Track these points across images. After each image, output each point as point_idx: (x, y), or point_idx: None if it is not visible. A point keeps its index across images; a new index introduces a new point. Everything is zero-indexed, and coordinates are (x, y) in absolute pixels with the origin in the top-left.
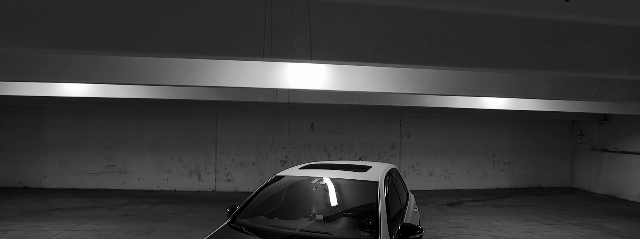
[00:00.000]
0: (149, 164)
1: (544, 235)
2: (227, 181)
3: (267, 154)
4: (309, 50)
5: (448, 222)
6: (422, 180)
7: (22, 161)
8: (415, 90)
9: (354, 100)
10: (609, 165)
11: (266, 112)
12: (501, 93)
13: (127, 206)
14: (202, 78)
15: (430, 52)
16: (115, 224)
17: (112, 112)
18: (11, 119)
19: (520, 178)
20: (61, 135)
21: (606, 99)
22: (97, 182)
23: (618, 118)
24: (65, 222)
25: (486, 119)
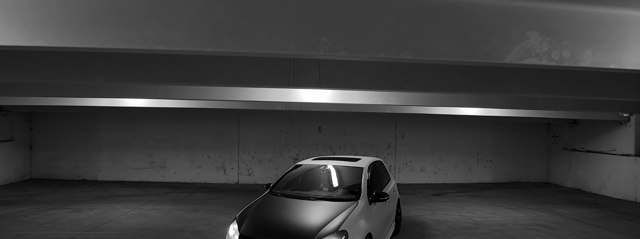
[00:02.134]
0: (184, 160)
1: (502, 215)
2: (248, 175)
3: (281, 152)
4: (319, 82)
5: (429, 206)
6: (414, 175)
7: (80, 158)
8: (398, 102)
9: (353, 108)
10: (576, 162)
11: (281, 117)
12: (466, 105)
13: (171, 194)
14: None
15: (399, 81)
16: (168, 206)
17: (153, 117)
18: (74, 124)
19: (501, 174)
20: (112, 136)
21: (550, 108)
22: (141, 175)
23: (584, 122)
24: (130, 204)
25: (471, 122)
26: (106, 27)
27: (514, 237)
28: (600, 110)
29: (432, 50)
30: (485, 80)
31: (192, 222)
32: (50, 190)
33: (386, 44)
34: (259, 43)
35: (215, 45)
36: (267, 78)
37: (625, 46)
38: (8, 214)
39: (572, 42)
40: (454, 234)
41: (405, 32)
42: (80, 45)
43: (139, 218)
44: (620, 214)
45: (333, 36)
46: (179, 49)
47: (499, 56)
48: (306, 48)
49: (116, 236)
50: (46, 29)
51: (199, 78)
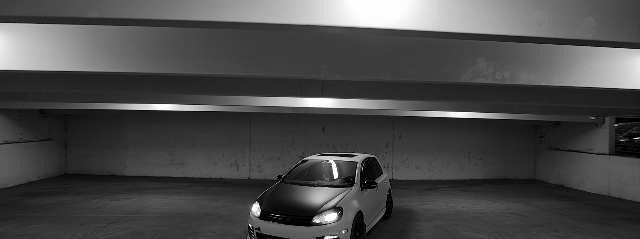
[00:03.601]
0: (201, 158)
1: (483, 206)
2: (258, 172)
3: (288, 151)
4: (322, 92)
5: (420, 199)
6: (410, 172)
7: (109, 155)
8: (390, 107)
9: (353, 112)
10: (559, 160)
11: (288, 119)
12: (450, 109)
13: (191, 188)
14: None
15: (387, 91)
16: (191, 196)
17: (174, 119)
18: (103, 125)
19: (491, 171)
20: (137, 136)
21: (524, 112)
22: (163, 171)
23: (566, 124)
24: (159, 195)
25: (463, 123)
26: (170, 58)
27: (487, 221)
28: (569, 113)
29: (405, 73)
30: (459, 90)
31: (215, 209)
32: (86, 183)
33: (370, 69)
34: (277, 69)
35: (245, 71)
36: (279, 90)
37: (554, 68)
38: (60, 202)
39: (511, 66)
40: (436, 219)
41: (384, 61)
42: (151, 71)
43: (170, 205)
44: (588, 206)
45: (331, 63)
46: (219, 74)
47: (455, 77)
48: (311, 73)
49: (156, 217)
50: (128, 59)
51: (225, 90)
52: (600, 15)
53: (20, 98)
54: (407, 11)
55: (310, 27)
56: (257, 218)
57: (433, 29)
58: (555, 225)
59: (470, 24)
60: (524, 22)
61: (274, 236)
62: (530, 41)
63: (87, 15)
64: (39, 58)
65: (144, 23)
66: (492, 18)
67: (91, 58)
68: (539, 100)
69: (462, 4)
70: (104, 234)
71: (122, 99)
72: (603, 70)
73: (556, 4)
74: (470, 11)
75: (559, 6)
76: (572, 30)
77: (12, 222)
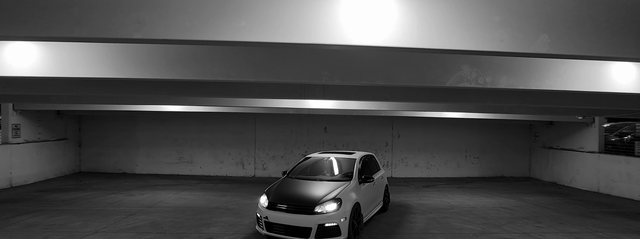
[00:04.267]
0: (208, 157)
1: (476, 201)
2: (263, 170)
3: (291, 150)
4: (323, 95)
5: (417, 195)
6: (409, 170)
7: (121, 154)
8: (387, 108)
9: (353, 112)
10: (553, 158)
11: (292, 119)
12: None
13: (200, 184)
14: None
15: (384, 94)
16: (201, 192)
17: (182, 119)
18: (115, 125)
19: (487, 169)
20: (147, 135)
21: (514, 112)
22: (172, 169)
23: (559, 123)
24: (170, 191)
25: (460, 123)
26: (188, 66)
27: (477, 214)
28: (556, 114)
29: (396, 79)
30: (450, 93)
31: (224, 203)
32: (100, 181)
33: (366, 75)
34: (283, 75)
35: (255, 77)
36: (284, 93)
37: (531, 74)
38: (80, 197)
39: (493, 71)
40: (430, 212)
41: (378, 68)
42: (172, 77)
43: (181, 200)
44: (576, 201)
45: (331, 70)
46: (232, 80)
47: (442, 82)
48: (314, 78)
49: (170, 210)
50: (152, 67)
51: (234, 93)
52: (554, 32)
53: (43, 100)
54: (392, 32)
55: (311, 45)
56: (265, 209)
57: (414, 46)
58: (541, 218)
59: (445, 42)
60: (488, 40)
61: (281, 223)
62: (495, 55)
63: (132, 36)
64: (76, 67)
65: (177, 42)
66: (463, 37)
67: (121, 66)
68: (524, 101)
69: (437, 26)
70: (126, 224)
71: (134, 101)
72: (575, 75)
73: (515, 24)
74: (444, 31)
75: (517, 26)
76: (529, 45)
77: (40, 214)
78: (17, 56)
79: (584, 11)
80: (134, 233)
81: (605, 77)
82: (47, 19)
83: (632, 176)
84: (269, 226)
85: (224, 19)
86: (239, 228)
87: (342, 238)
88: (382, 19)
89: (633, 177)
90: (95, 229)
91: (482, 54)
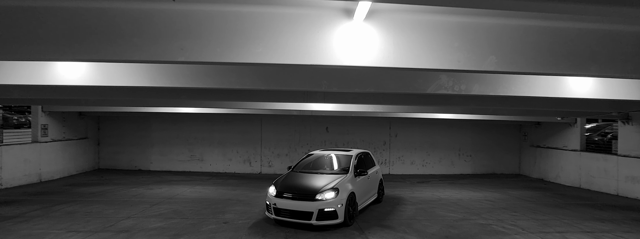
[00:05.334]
0: (217, 155)
1: (464, 195)
2: (269, 167)
3: (295, 148)
4: (324, 99)
5: (411, 189)
6: (405, 167)
7: (136, 152)
8: (382, 110)
9: (353, 114)
10: (540, 156)
11: (296, 119)
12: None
13: (211, 180)
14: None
15: (377, 98)
16: (213, 186)
17: (193, 120)
18: (131, 125)
19: (479, 166)
20: (161, 135)
21: (498, 114)
22: (184, 166)
23: (546, 123)
24: (185, 185)
25: (454, 123)
26: (210, 76)
27: (462, 205)
28: (538, 115)
29: (385, 87)
30: (435, 97)
31: (234, 196)
32: (119, 176)
33: (359, 84)
34: (289, 84)
35: (265, 86)
36: (289, 97)
37: (499, 82)
38: (105, 190)
39: (466, 80)
40: (420, 203)
41: (369, 78)
42: (196, 86)
43: (196, 193)
44: (556, 195)
45: (329, 80)
46: (246, 88)
47: (423, 89)
48: (315, 87)
49: (188, 201)
50: (181, 77)
51: (244, 98)
52: (500, 54)
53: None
54: (375, 55)
55: (311, 66)
56: (274, 197)
57: (392, 66)
58: (518, 208)
59: (416, 62)
60: (449, 60)
61: (287, 209)
62: (455, 71)
63: (177, 59)
64: (116, 77)
65: (209, 63)
66: (429, 58)
67: (154, 77)
68: (503, 104)
69: (409, 50)
70: (152, 212)
71: (151, 103)
72: (538, 84)
73: (469, 48)
74: (414, 55)
75: (471, 49)
76: (480, 64)
77: (75, 204)
78: (68, 69)
79: (524, 38)
80: (161, 218)
81: (564, 85)
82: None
83: (609, 172)
84: (277, 211)
85: (246, 46)
86: (250, 214)
87: (338, 220)
88: (366, 46)
89: (610, 173)
90: (127, 216)
91: (445, 71)
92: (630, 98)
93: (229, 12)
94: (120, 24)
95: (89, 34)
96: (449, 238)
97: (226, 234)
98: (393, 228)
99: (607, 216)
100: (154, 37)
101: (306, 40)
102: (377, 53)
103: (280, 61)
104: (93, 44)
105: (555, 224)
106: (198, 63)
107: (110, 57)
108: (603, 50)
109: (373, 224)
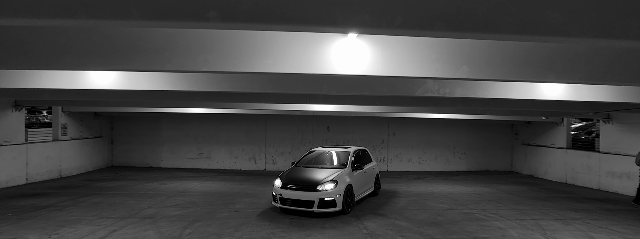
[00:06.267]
0: (224, 153)
1: (455, 189)
2: (273, 164)
3: (298, 146)
4: (324, 100)
5: (407, 184)
6: (403, 165)
7: (148, 150)
8: (379, 110)
9: (353, 114)
10: (530, 154)
11: (298, 119)
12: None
13: (219, 176)
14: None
15: (373, 100)
16: (221, 182)
17: (201, 119)
18: (143, 125)
19: (473, 163)
20: (171, 133)
21: (486, 114)
22: (192, 164)
23: (535, 123)
24: (195, 180)
25: (448, 123)
26: (224, 81)
27: (451, 198)
28: (524, 115)
29: (378, 90)
30: (425, 99)
31: (242, 189)
32: (132, 173)
33: (355, 88)
34: (294, 88)
35: (273, 89)
36: (292, 99)
37: (480, 86)
38: (123, 185)
39: (450, 85)
40: (413, 196)
41: (363, 83)
42: (212, 90)
43: (207, 187)
44: (542, 189)
45: (329, 84)
46: (255, 91)
47: (412, 92)
48: (316, 90)
49: (200, 194)
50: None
51: (252, 99)
52: (471, 64)
53: (92, 104)
54: (366, 66)
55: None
56: (279, 188)
57: (380, 74)
58: (503, 200)
59: (400, 71)
60: (428, 70)
61: (291, 198)
62: (434, 79)
63: (201, 69)
64: (142, 82)
65: (227, 73)
66: (411, 68)
67: (175, 81)
68: (487, 105)
69: (395, 61)
70: (170, 203)
71: (163, 104)
72: (514, 87)
73: (446, 59)
74: (399, 65)
75: (447, 60)
76: (454, 73)
77: (99, 196)
78: (100, 75)
79: (490, 50)
80: (178, 208)
81: (536, 89)
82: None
83: (592, 168)
84: (283, 201)
85: (258, 58)
86: (258, 204)
87: (337, 208)
88: (359, 58)
89: (592, 169)
90: (148, 205)
91: (425, 79)
92: (597, 99)
93: (244, 31)
94: (156, 41)
95: (131, 48)
96: (435, 223)
97: (238, 221)
98: (386, 215)
99: (582, 207)
100: (183, 51)
101: (308, 53)
102: (368, 64)
103: (287, 70)
104: (132, 57)
105: (532, 213)
106: (218, 72)
107: (146, 68)
108: (559, 61)
109: (368, 212)
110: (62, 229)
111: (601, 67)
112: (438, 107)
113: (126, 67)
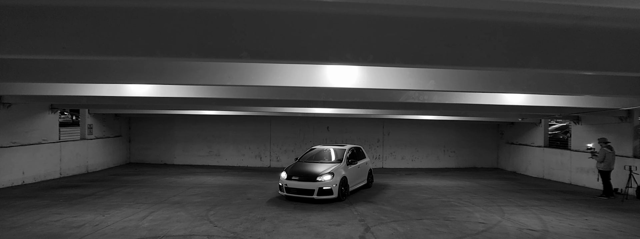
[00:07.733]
0: (232, 151)
1: (441, 183)
2: (277, 161)
3: (300, 145)
4: (323, 105)
5: (398, 179)
6: (396, 162)
7: (162, 148)
8: (372, 113)
9: (350, 115)
10: (513, 152)
11: (300, 120)
12: (416, 114)
13: (228, 172)
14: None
15: (366, 105)
16: (231, 176)
17: (211, 120)
18: (158, 125)
19: (462, 161)
20: (183, 133)
21: (469, 115)
22: (203, 161)
23: (518, 124)
24: (208, 175)
25: (439, 123)
26: (240, 90)
27: (435, 190)
28: (502, 117)
29: (368, 97)
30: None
31: (251, 183)
32: (149, 169)
33: (348, 95)
34: (298, 95)
35: (279, 97)
36: (294, 104)
37: (453, 94)
38: (145, 179)
39: (428, 93)
40: (401, 188)
41: (355, 92)
42: (230, 97)
43: (219, 181)
44: (518, 183)
45: (327, 92)
46: (265, 98)
47: (397, 99)
48: (316, 97)
49: (215, 186)
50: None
51: (260, 104)
52: (438, 79)
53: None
54: (355, 80)
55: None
56: (285, 179)
57: (367, 87)
58: (479, 192)
59: (382, 84)
60: (403, 83)
61: (295, 187)
62: (407, 91)
63: (226, 83)
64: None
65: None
66: (390, 82)
67: (198, 90)
68: (465, 110)
69: (378, 77)
70: (191, 192)
71: (176, 107)
72: (484, 95)
73: (417, 75)
74: (381, 80)
75: (418, 76)
76: (424, 85)
77: (128, 188)
78: (138, 85)
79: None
80: (199, 196)
81: (501, 97)
82: (187, 77)
83: (565, 164)
84: (288, 190)
85: (270, 75)
86: (266, 194)
87: (334, 196)
88: (349, 75)
89: (565, 165)
90: (173, 195)
91: (402, 91)
92: (552, 105)
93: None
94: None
95: (174, 69)
96: (415, 208)
97: (251, 205)
98: (375, 202)
99: (546, 197)
100: (213, 70)
101: (309, 71)
102: (356, 79)
103: (292, 84)
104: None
105: (500, 202)
106: (238, 86)
107: (186, 82)
108: (506, 77)
109: (360, 200)
110: (110, 210)
111: (531, 82)
112: (422, 110)
113: (170, 82)
